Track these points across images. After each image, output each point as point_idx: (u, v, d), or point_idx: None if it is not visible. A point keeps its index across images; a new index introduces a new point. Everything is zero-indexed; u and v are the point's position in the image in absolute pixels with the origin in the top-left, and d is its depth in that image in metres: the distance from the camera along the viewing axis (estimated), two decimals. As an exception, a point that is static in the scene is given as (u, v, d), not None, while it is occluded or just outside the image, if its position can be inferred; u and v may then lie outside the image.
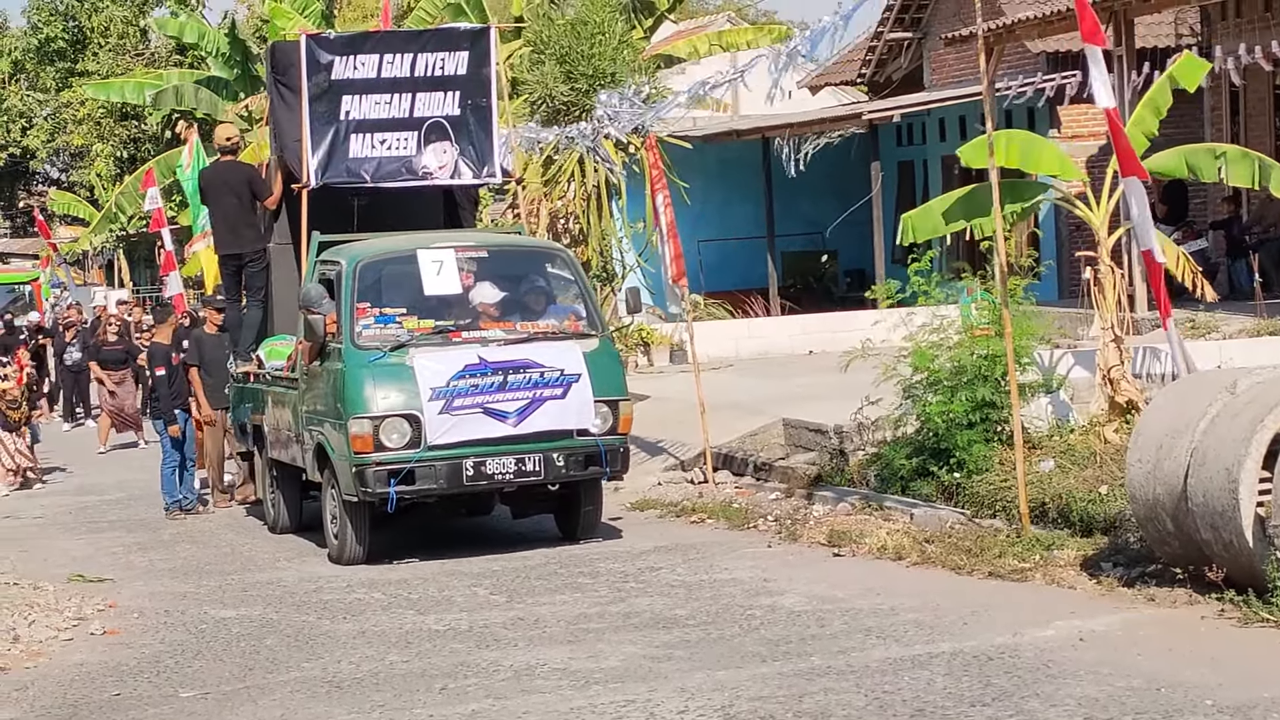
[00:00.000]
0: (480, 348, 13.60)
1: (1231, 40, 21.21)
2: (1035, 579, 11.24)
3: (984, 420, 13.70)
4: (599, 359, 13.86)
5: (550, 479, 13.68)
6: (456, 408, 13.31)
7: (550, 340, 13.89)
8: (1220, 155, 14.99)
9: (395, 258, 14.38)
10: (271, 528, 15.81)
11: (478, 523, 15.29)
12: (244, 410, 16.64)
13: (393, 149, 16.07)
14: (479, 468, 13.38)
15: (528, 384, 13.46)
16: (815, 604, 11.01)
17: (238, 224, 16.60)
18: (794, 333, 24.81)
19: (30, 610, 12.16)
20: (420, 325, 13.78)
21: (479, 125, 16.30)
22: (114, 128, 49.78)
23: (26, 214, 57.93)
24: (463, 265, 14.16)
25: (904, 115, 27.28)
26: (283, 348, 15.61)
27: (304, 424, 14.39)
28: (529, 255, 15.27)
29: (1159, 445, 10.36)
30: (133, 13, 51.18)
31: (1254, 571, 9.66)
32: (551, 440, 13.54)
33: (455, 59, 16.20)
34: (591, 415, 13.63)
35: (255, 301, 16.58)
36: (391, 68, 16.06)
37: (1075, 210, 15.08)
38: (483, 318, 14.05)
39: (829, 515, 13.94)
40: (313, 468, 14.28)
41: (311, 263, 14.83)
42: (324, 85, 15.88)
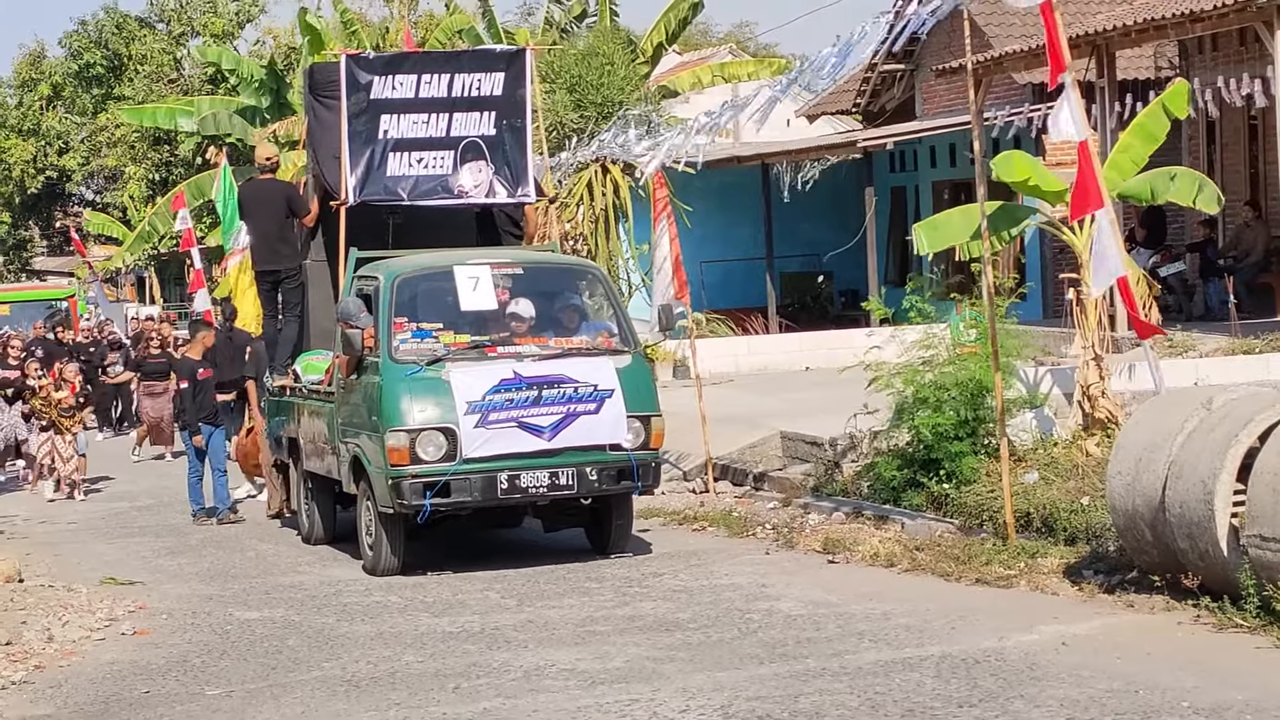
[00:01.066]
0: (515, 363, 13.32)
1: (1209, 73, 21.21)
2: (1020, 585, 11.23)
3: (971, 433, 13.70)
4: (632, 375, 13.55)
5: (583, 493, 13.36)
6: (491, 421, 13.02)
7: (584, 356, 13.58)
8: (1173, 177, 15.06)
9: (432, 273, 14.09)
10: (306, 538, 15.48)
11: (504, 534, 15.04)
12: (279, 423, 16.41)
13: (429, 168, 15.71)
14: (513, 481, 13.05)
15: (562, 399, 13.16)
16: (810, 608, 11.00)
17: (275, 241, 16.36)
18: (791, 350, 24.79)
19: (64, 611, 12.17)
20: (456, 340, 13.52)
21: (514, 145, 15.90)
22: (147, 151, 49.85)
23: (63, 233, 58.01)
24: (498, 281, 13.88)
25: (897, 143, 27.33)
26: (319, 362, 15.37)
27: (340, 436, 14.12)
28: (563, 272, 14.99)
29: (1138, 459, 10.36)
30: (170, 43, 51.29)
31: (1228, 579, 9.65)
32: (584, 454, 13.22)
33: (492, 80, 15.79)
34: (624, 430, 13.30)
35: (292, 317, 16.32)
36: (429, 88, 15.68)
37: (1060, 235, 15.08)
38: (517, 333, 13.75)
39: (824, 524, 13.93)
40: (348, 480, 14.00)
41: (349, 278, 14.57)
42: (363, 104, 15.54)
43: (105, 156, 51.81)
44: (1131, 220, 22.14)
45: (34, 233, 62.16)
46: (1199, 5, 18.55)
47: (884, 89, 30.16)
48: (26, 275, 59.14)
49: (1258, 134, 21.88)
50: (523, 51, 16.27)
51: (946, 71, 24.72)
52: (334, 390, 14.39)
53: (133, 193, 49.99)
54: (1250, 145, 22.24)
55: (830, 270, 30.09)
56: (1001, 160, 14.75)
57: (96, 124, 52.25)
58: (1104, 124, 20.26)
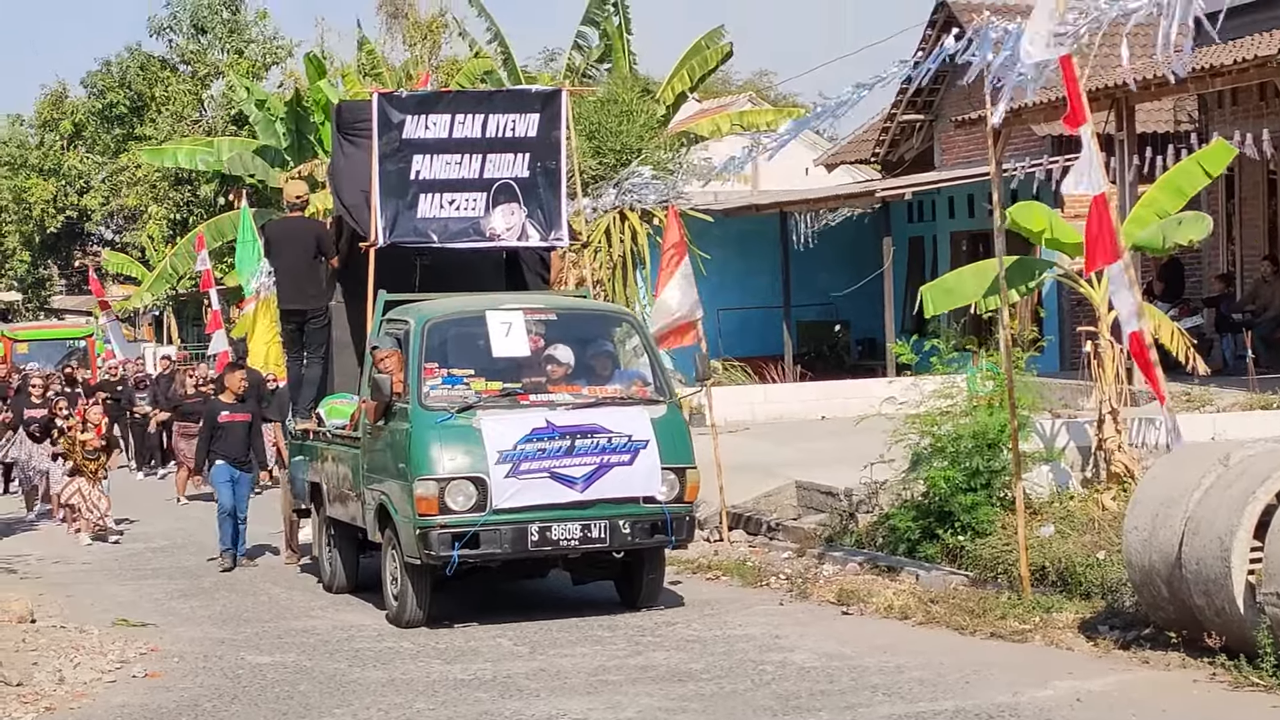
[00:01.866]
0: (548, 411, 12.92)
1: (1228, 127, 21.22)
2: (1035, 640, 11.18)
3: (986, 486, 13.66)
4: (666, 425, 13.13)
5: (615, 546, 12.92)
6: (523, 471, 12.62)
7: (618, 405, 13.19)
8: (1180, 222, 15.01)
9: (464, 318, 13.74)
10: (328, 586, 15.19)
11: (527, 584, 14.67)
12: (301, 466, 16.11)
13: (461, 210, 15.34)
14: (544, 533, 12.64)
15: (595, 449, 12.75)
16: (824, 660, 10.95)
17: (302, 280, 16.03)
18: (808, 398, 24.75)
19: (76, 653, 12.15)
20: (488, 387, 13.16)
21: (548, 188, 15.53)
22: (168, 191, 50.06)
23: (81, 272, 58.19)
24: (531, 328, 13.54)
25: (915, 193, 27.33)
26: (343, 406, 15.05)
27: (366, 483, 13.77)
28: (597, 319, 14.66)
29: (1155, 514, 10.32)
30: (195, 84, 51.58)
31: (1245, 637, 9.59)
32: (618, 507, 12.80)
33: (526, 121, 15.38)
34: (658, 482, 12.88)
35: (316, 358, 15.98)
36: (463, 128, 15.29)
37: (1077, 287, 15.07)
38: (550, 381, 13.37)
39: (838, 574, 13.88)
40: (373, 528, 13.62)
41: (377, 321, 14.28)
42: (395, 144, 15.18)
43: (126, 196, 52.00)
44: (1150, 274, 22.13)
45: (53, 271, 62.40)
46: (1219, 60, 18.58)
47: (903, 139, 30.24)
48: (45, 313, 59.35)
49: (1276, 188, 21.87)
50: (558, 93, 15.92)
51: (966, 122, 24.74)
52: (360, 435, 14.06)
53: (152, 233, 50.16)
54: (1269, 199, 22.23)
55: (847, 319, 30.10)
56: (1020, 209, 14.76)
57: (117, 164, 52.48)
58: (1122, 177, 20.26)
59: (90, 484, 19.93)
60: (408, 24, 46.28)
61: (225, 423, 17.27)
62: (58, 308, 60.96)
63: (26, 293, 61.23)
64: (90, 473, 20.01)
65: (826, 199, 27.75)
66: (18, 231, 58.24)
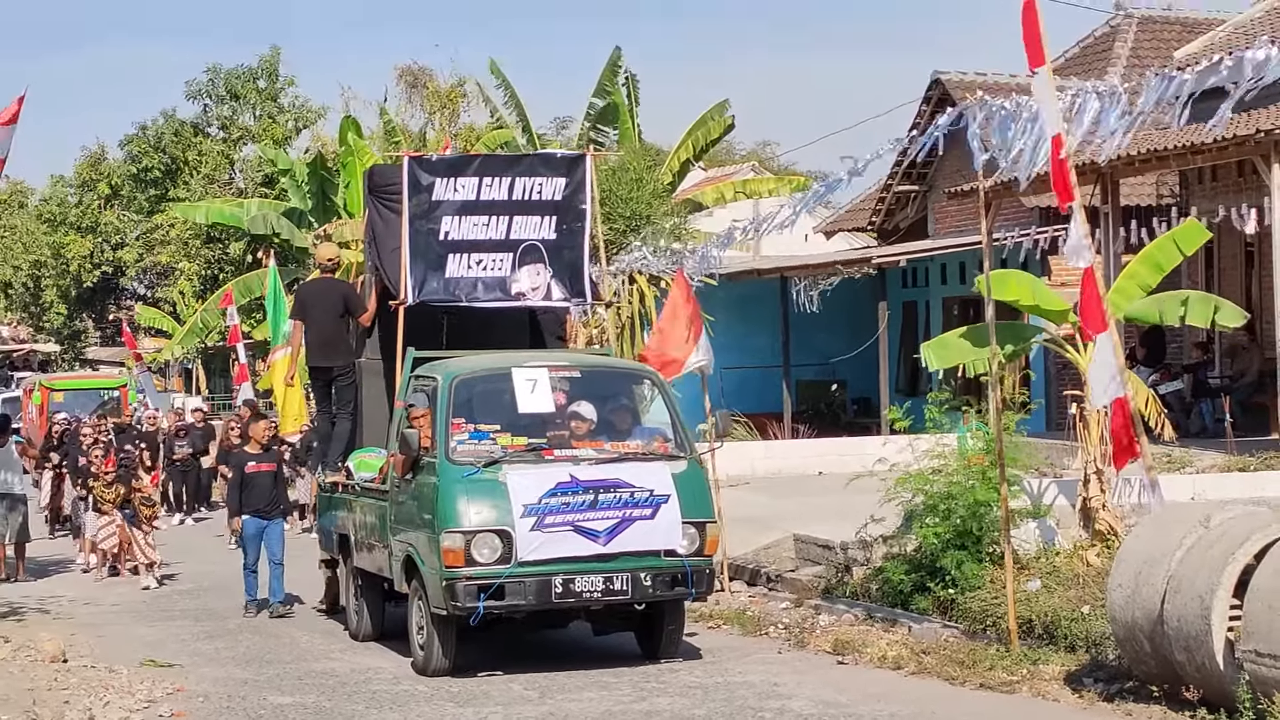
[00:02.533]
0: (572, 466, 12.71)
1: (1208, 201, 21.30)
2: (1022, 691, 11.13)
3: (976, 541, 13.63)
4: (687, 480, 12.94)
5: (637, 598, 12.66)
6: (548, 525, 12.41)
7: (640, 460, 12.98)
8: (1184, 301, 15.10)
9: (490, 375, 13.60)
10: (354, 635, 14.88)
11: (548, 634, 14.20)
12: (331, 518, 15.87)
13: (488, 269, 15.10)
14: (568, 585, 12.42)
15: (618, 503, 12.55)
16: (821, 708, 10.90)
17: (331, 339, 15.80)
18: (806, 455, 24.73)
19: (105, 692, 12.10)
20: (513, 442, 12.94)
21: (573, 249, 15.30)
22: (199, 249, 50.25)
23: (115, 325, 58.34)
24: (556, 384, 13.39)
25: (909, 260, 27.45)
26: (372, 460, 14.83)
27: (394, 534, 13.55)
28: (620, 376, 14.43)
29: (1138, 572, 10.29)
30: (227, 147, 51.87)
31: (1224, 692, 9.55)
32: (639, 560, 12.58)
33: (553, 184, 15.19)
34: (679, 536, 12.66)
35: (345, 414, 15.72)
36: (490, 190, 15.09)
37: (1064, 352, 15.08)
38: (574, 436, 13.17)
39: (834, 625, 13.83)
40: (400, 579, 13.39)
41: (406, 378, 14.11)
42: (425, 205, 14.96)
43: (159, 254, 52.21)
44: (1133, 339, 22.17)
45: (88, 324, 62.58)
46: (1200, 138, 18.66)
47: (898, 208, 30.37)
48: (80, 364, 59.47)
49: (1254, 260, 21.92)
50: (583, 157, 15.76)
51: (958, 194, 24.85)
52: (388, 488, 13.87)
53: (183, 289, 50.34)
54: (1246, 270, 22.28)
55: (844, 379, 30.12)
56: (996, 278, 14.76)
57: (152, 223, 52.72)
58: (1108, 248, 20.35)
59: (144, 534, 19.50)
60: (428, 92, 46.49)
61: (252, 473, 17.07)
62: (92, 359, 61.07)
63: (63, 344, 61.37)
64: (145, 519, 19.59)
65: (825, 264, 27.83)
66: (55, 285, 58.45)
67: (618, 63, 36.49)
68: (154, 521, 19.96)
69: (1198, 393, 21.71)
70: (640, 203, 30.75)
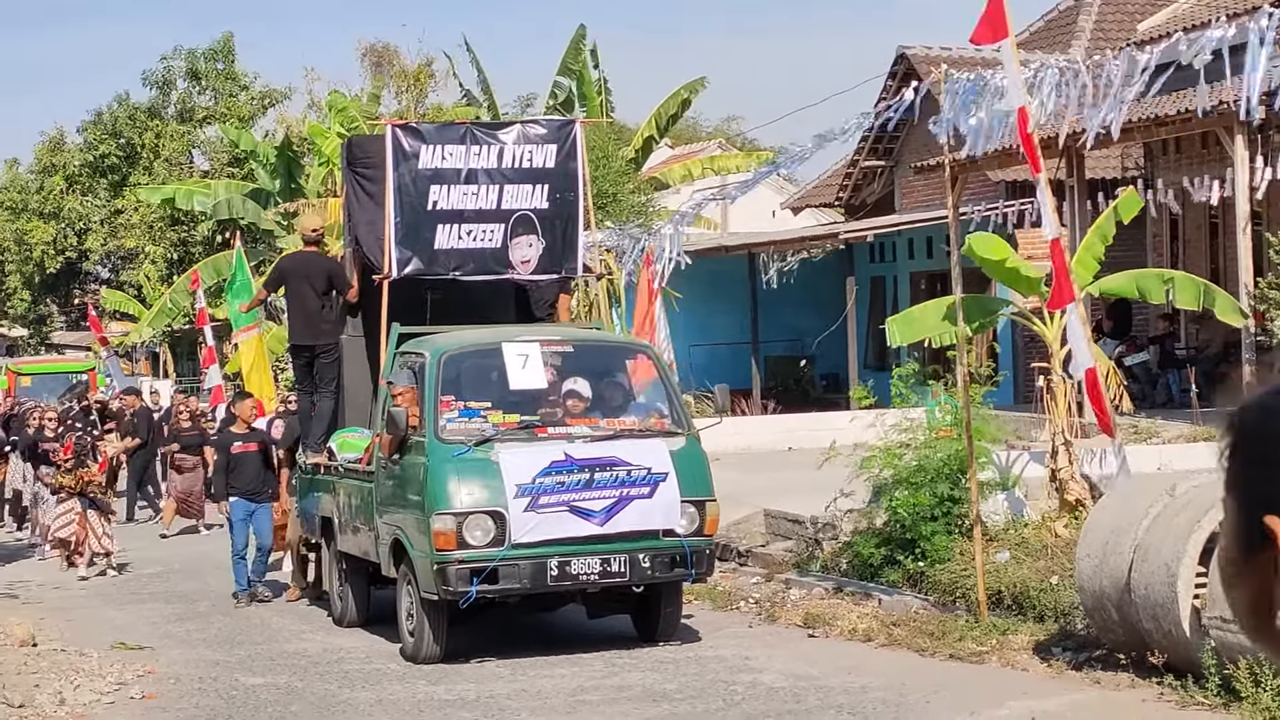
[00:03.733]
0: (566, 444, 12.22)
1: (1172, 173, 21.39)
2: (992, 661, 11.21)
3: (946, 514, 13.70)
4: (685, 457, 12.44)
5: (635, 580, 12.21)
6: (542, 505, 11.91)
7: (637, 438, 12.51)
8: (1168, 280, 15.19)
9: (479, 350, 13.09)
10: (338, 620, 14.42)
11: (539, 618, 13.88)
12: (313, 501, 15.29)
13: (479, 240, 14.42)
14: (564, 568, 11.93)
15: (614, 482, 12.06)
16: (792, 681, 10.96)
17: (314, 316, 15.20)
18: (775, 431, 24.77)
19: (75, 675, 12.09)
20: (505, 420, 12.47)
21: (566, 219, 14.65)
22: (165, 231, 50.01)
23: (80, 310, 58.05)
24: (548, 360, 12.87)
25: (876, 235, 27.50)
26: (355, 440, 14.27)
27: (381, 518, 13.03)
28: (614, 351, 14.02)
29: (1105, 542, 10.37)
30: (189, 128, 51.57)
31: (1191, 658, 9.64)
32: (637, 541, 12.11)
33: (544, 151, 14.53)
34: (679, 516, 12.18)
35: (327, 393, 15.15)
36: (479, 158, 14.39)
37: (1031, 325, 15.15)
38: (573, 413, 12.69)
39: (805, 599, 13.90)
40: (388, 563, 12.87)
41: (391, 354, 13.56)
42: (411, 174, 14.27)
43: (124, 238, 51.95)
44: (1099, 312, 22.26)
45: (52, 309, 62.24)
46: (1163, 110, 18.73)
47: (865, 184, 30.40)
48: (46, 349, 59.16)
49: (1218, 231, 22.03)
50: (573, 124, 15.19)
51: (924, 169, 24.89)
52: (374, 469, 13.34)
53: (149, 272, 50.09)
54: (1211, 241, 22.38)
55: (812, 355, 30.18)
56: (979, 240, 14.80)
57: (114, 207, 52.45)
58: (1073, 221, 20.42)
59: (99, 517, 18.92)
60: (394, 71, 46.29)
61: (239, 454, 16.44)
62: (58, 343, 60.76)
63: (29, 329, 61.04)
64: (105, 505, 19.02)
65: (792, 240, 27.88)
66: (18, 272, 58.11)
67: (582, 40, 36.42)
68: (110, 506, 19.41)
69: (1164, 364, 21.83)
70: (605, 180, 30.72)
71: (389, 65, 47.60)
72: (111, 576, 18.83)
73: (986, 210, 23.60)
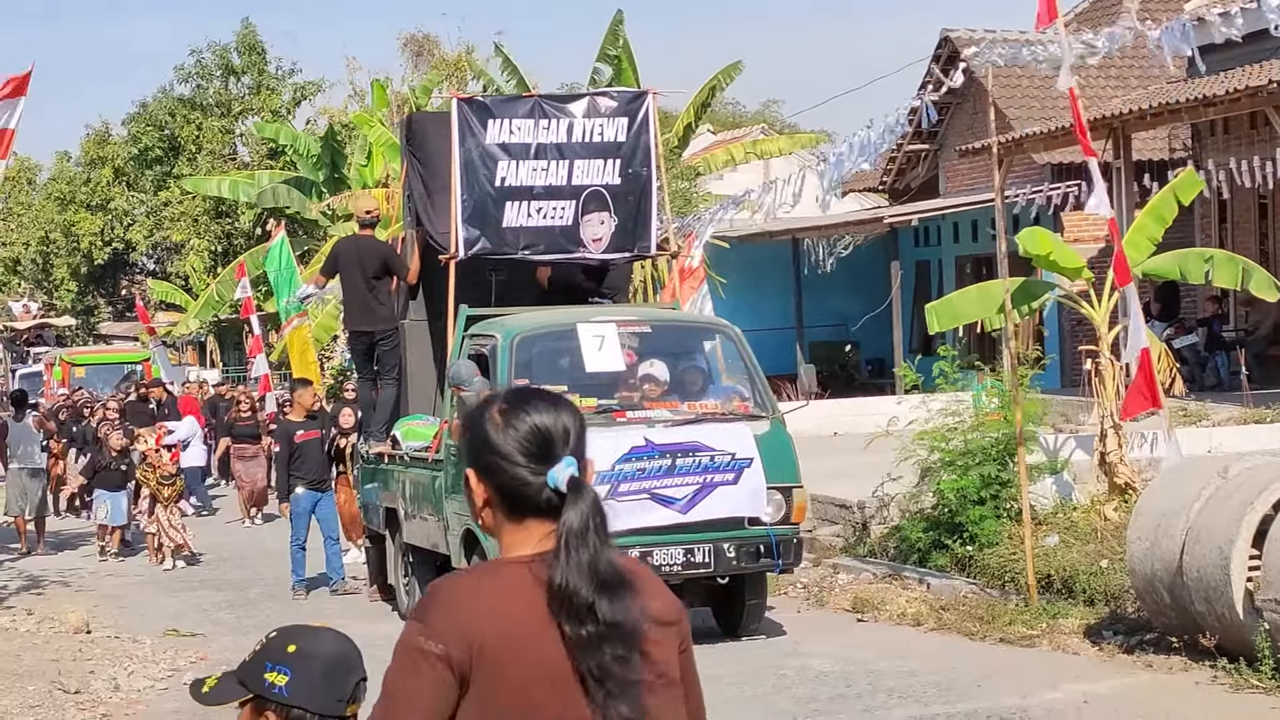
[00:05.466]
0: (646, 429, 11.59)
1: (1220, 154, 21.23)
2: (1042, 645, 11.17)
3: (994, 497, 13.66)
4: (771, 442, 11.80)
5: (720, 571, 11.55)
6: (622, 493, 11.23)
7: (720, 422, 11.86)
8: (1208, 259, 15.12)
9: (554, 332, 12.42)
10: (404, 615, 13.27)
11: None
12: (374, 492, 14.68)
13: (549, 218, 13.59)
14: (645, 558, 10.79)
15: (697, 468, 11.42)
16: (841, 665, 10.94)
17: (370, 300, 14.46)
18: (820, 416, 24.64)
19: (129, 662, 12.19)
20: (582, 404, 10.81)
21: (639, 195, 13.82)
22: (210, 224, 50.29)
23: (127, 301, 58.45)
24: (625, 341, 12.19)
25: (921, 219, 27.40)
26: (421, 428, 13.57)
27: (451, 508, 12.33)
28: (694, 332, 13.21)
29: (1157, 524, 10.31)
30: (229, 122, 51.82)
31: (1244, 641, 9.58)
32: (722, 529, 11.48)
33: (615, 125, 13.73)
34: (764, 503, 11.57)
35: (389, 380, 14.46)
36: (548, 133, 13.59)
37: (1079, 308, 15.07)
38: (650, 397, 12.03)
39: (853, 583, 13.88)
40: (459, 554, 12.16)
41: (459, 336, 12.88)
42: (477, 150, 13.46)
43: (169, 230, 52.26)
44: (1147, 294, 22.13)
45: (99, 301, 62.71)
46: (1211, 91, 18.60)
47: (909, 168, 30.29)
48: (94, 339, 59.61)
49: (1268, 212, 21.87)
50: (645, 95, 14.23)
51: (969, 152, 24.79)
52: (443, 457, 12.63)
53: (194, 264, 50.37)
54: (1260, 224, 22.22)
55: (857, 340, 30.12)
56: (1026, 235, 14.77)
57: (159, 199, 52.78)
58: (1119, 203, 20.29)
59: (165, 509, 18.71)
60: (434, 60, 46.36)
61: (302, 442, 15.94)
62: (105, 334, 61.20)
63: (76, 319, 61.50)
64: (165, 499, 18.76)
65: (837, 225, 27.79)
66: (66, 263, 58.57)
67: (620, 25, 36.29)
68: (178, 502, 19.18)
69: (1212, 346, 21.69)
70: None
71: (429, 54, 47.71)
72: (180, 568, 18.55)
73: (1032, 193, 23.47)
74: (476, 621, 2.92)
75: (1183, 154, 23.08)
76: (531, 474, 3.02)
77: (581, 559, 2.95)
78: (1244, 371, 19.24)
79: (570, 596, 2.91)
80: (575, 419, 3.16)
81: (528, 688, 2.90)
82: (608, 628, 2.90)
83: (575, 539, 2.97)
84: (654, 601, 3.04)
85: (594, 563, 2.95)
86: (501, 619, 2.92)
